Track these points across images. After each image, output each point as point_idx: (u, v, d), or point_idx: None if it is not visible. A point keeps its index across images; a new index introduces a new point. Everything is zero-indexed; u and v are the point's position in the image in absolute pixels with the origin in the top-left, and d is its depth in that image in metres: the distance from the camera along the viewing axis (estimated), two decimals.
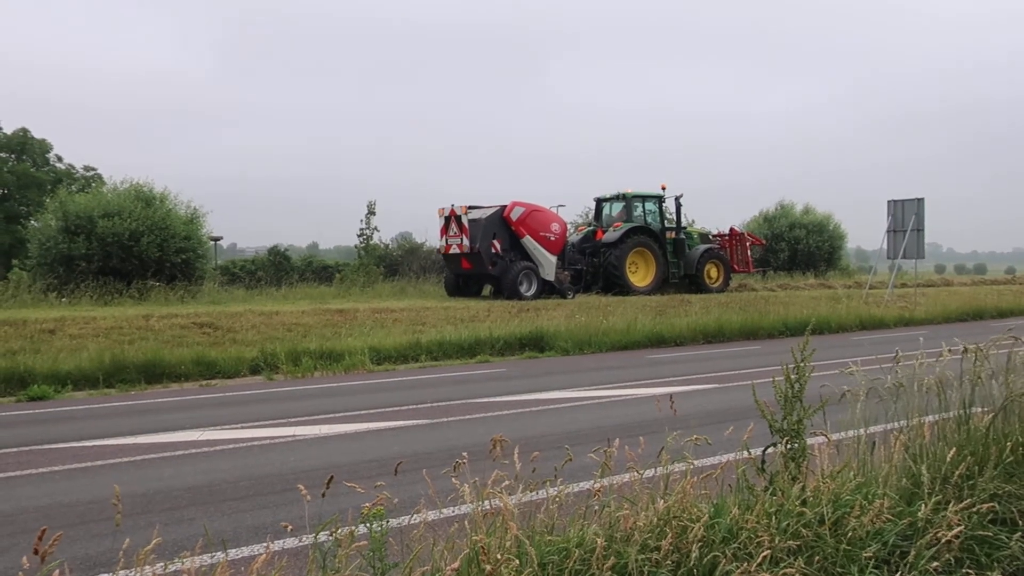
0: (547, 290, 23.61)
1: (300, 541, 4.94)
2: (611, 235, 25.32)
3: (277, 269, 36.70)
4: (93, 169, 50.79)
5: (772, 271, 36.48)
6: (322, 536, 3.12)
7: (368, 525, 3.15)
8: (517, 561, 3.05)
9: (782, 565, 3.32)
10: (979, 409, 4.99)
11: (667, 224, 26.96)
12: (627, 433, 4.41)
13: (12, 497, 6.60)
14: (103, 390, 12.81)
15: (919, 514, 3.84)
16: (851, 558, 3.51)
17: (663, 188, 26.99)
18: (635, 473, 3.83)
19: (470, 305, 21.46)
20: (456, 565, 2.97)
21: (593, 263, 25.49)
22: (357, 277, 28.76)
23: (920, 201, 25.66)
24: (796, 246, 37.61)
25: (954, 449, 4.37)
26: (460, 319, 19.39)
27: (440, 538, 3.33)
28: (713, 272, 27.39)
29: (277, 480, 6.86)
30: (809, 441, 4.30)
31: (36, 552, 2.59)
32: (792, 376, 4.17)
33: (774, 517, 3.62)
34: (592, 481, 3.84)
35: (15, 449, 8.40)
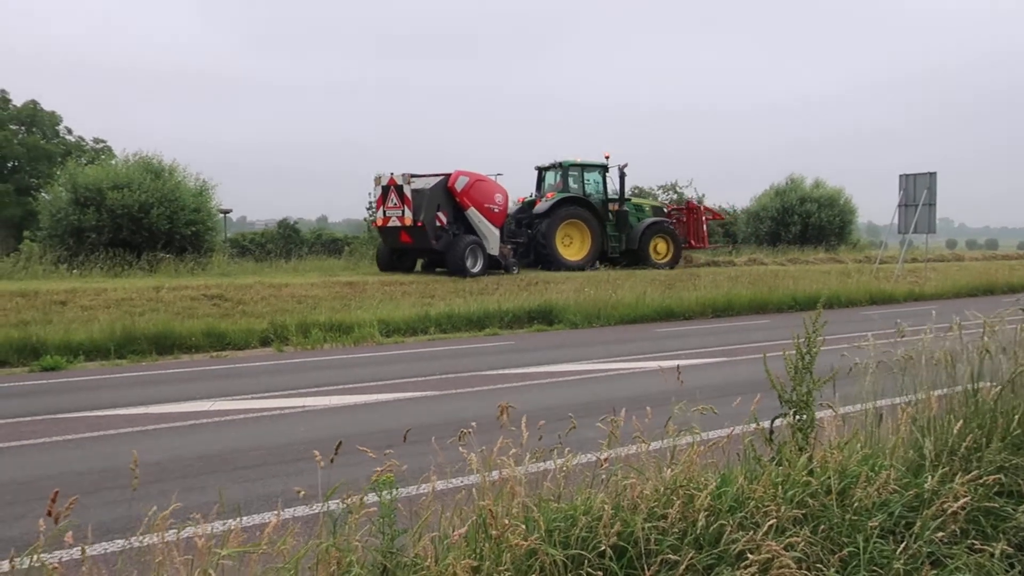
0: (491, 265, 22.18)
1: (311, 509, 4.98)
2: (542, 206, 23.92)
3: (287, 242, 36.76)
4: (103, 141, 50.83)
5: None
6: (332, 503, 3.16)
7: (378, 492, 3.18)
8: (524, 527, 3.08)
9: (788, 534, 3.34)
10: (987, 383, 4.98)
11: (611, 196, 25.25)
12: (634, 405, 4.43)
13: (27, 465, 6.69)
14: (115, 361, 12.91)
15: (925, 486, 3.85)
16: (857, 528, 3.53)
17: (607, 157, 25.32)
18: (642, 443, 3.85)
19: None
20: (464, 530, 3.01)
21: (528, 235, 23.85)
22: (366, 250, 28.77)
23: (932, 175, 25.46)
24: (807, 220, 37.38)
25: (961, 422, 4.37)
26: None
27: (448, 506, 3.36)
28: (661, 247, 25.68)
29: (287, 450, 6.93)
30: (817, 414, 4.32)
31: (50, 514, 2.63)
32: (803, 347, 4.17)
33: (781, 487, 3.63)
34: (599, 452, 3.87)
35: (29, 418, 8.49)
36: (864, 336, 5.15)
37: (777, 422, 4.34)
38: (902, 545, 3.47)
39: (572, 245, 24.01)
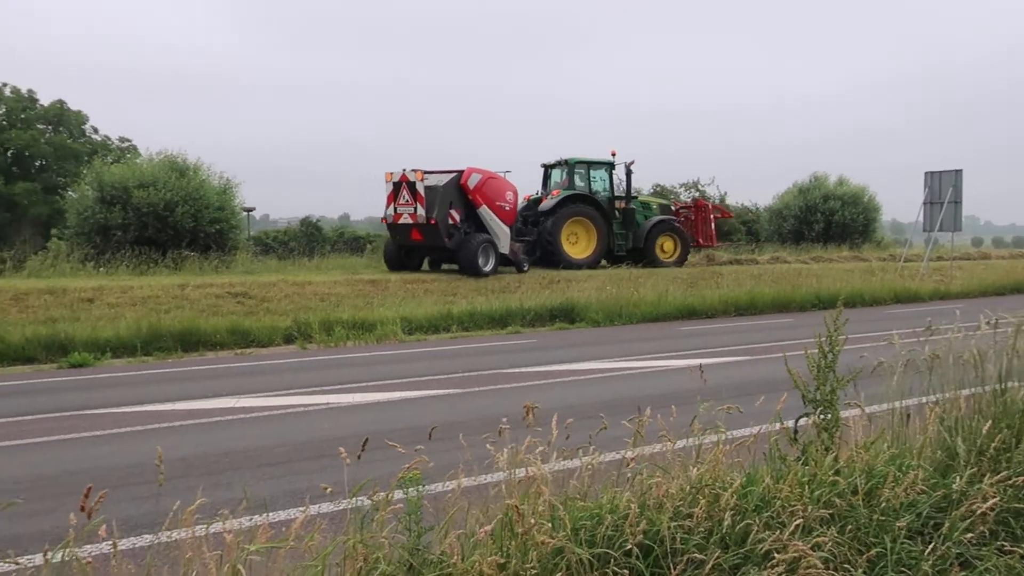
0: (502, 263, 21.77)
1: (336, 505, 5.02)
2: (547, 203, 23.52)
3: (309, 240, 36.97)
4: (128, 140, 51.33)
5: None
6: (358, 500, 3.18)
7: (404, 489, 3.20)
8: (550, 525, 3.09)
9: (815, 534, 3.33)
10: (1016, 382, 4.93)
11: (617, 194, 24.90)
12: (658, 403, 4.42)
13: (55, 461, 6.78)
14: (141, 358, 13.04)
15: (953, 486, 3.82)
16: (884, 528, 3.51)
17: (613, 155, 24.93)
18: (667, 442, 3.85)
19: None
20: (490, 528, 3.02)
21: (535, 232, 23.50)
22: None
23: (958, 172, 25.18)
24: (830, 218, 37.09)
25: (990, 422, 4.32)
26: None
27: (474, 503, 3.38)
28: (668, 245, 25.22)
29: (312, 447, 6.97)
30: (842, 413, 4.30)
31: (82, 509, 2.67)
32: (825, 346, 4.15)
33: (807, 486, 3.62)
34: (624, 450, 3.87)
35: (57, 414, 8.60)
36: (889, 335, 5.11)
37: (802, 421, 4.32)
38: (930, 546, 3.44)
39: (578, 243, 23.68)
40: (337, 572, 2.99)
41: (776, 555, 3.14)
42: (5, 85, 48.18)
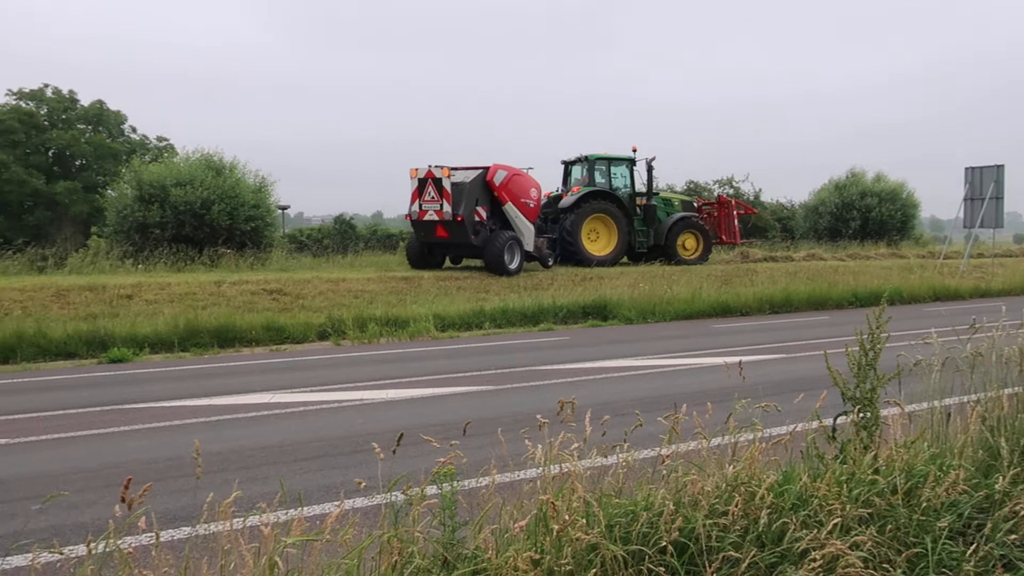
0: (526, 260, 21.54)
1: (370, 500, 5.06)
2: (567, 200, 23.21)
3: (343, 237, 37.20)
4: (165, 139, 52.09)
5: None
6: (392, 495, 3.19)
7: (439, 485, 3.21)
8: (584, 521, 3.08)
9: (853, 533, 3.28)
10: None
11: (638, 190, 24.49)
12: (693, 401, 4.39)
13: (95, 455, 6.89)
14: (178, 354, 13.22)
15: (996, 486, 3.75)
16: (925, 528, 3.46)
17: (634, 150, 24.50)
18: (703, 440, 3.82)
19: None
20: (524, 523, 3.02)
21: (555, 230, 23.18)
22: None
23: (1000, 168, 24.71)
24: (867, 215, 36.59)
25: None
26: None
27: (508, 499, 3.38)
28: (689, 243, 24.82)
29: (346, 442, 7.02)
30: (882, 411, 4.23)
31: (123, 500, 2.71)
32: (867, 343, 4.09)
33: (845, 485, 3.57)
34: (659, 447, 3.85)
35: (98, 408, 8.75)
36: (928, 333, 5.03)
37: (840, 420, 4.26)
38: (972, 547, 3.38)
39: (599, 240, 23.38)
40: (372, 566, 3.01)
41: (813, 553, 3.10)
42: (47, 86, 49.16)
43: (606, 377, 10.11)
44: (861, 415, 4.13)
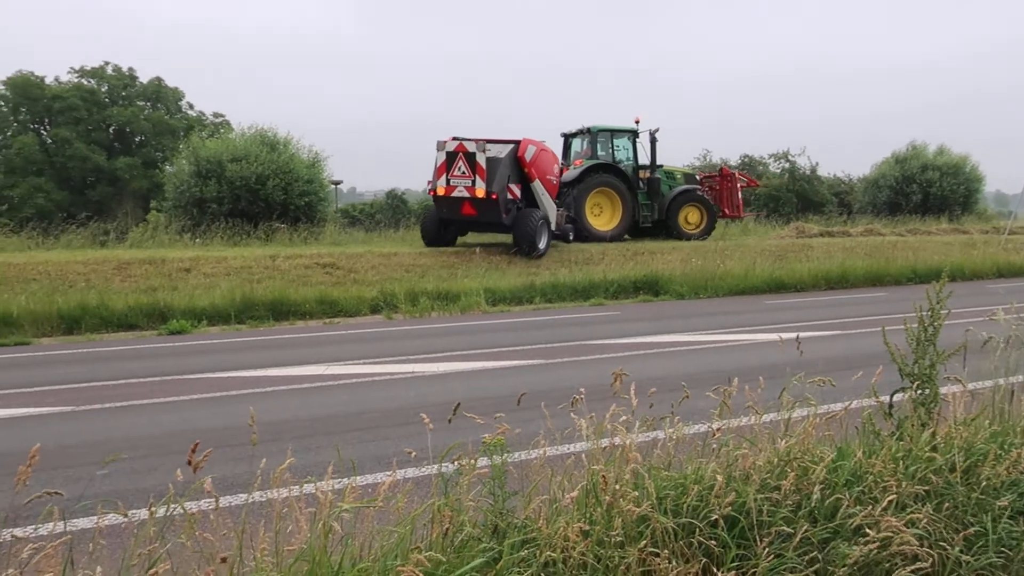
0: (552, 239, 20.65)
1: (420, 470, 5.12)
2: (570, 173, 22.34)
3: (395, 212, 37.50)
4: (221, 116, 52.95)
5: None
6: (443, 465, 3.23)
7: (489, 455, 3.23)
8: (635, 493, 3.08)
9: (908, 511, 3.23)
10: None
11: (642, 163, 23.66)
12: (745, 376, 4.33)
13: (155, 423, 7.09)
14: (235, 326, 13.50)
15: None
16: (983, 507, 3.38)
17: (637, 122, 23.62)
18: (755, 414, 3.78)
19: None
20: (575, 494, 3.03)
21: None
22: None
23: None
24: (928, 189, 35.63)
25: None
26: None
27: (558, 471, 3.39)
28: (692, 216, 23.84)
29: (397, 413, 7.11)
30: (941, 389, 4.14)
31: (189, 463, 2.79)
32: (926, 319, 4.00)
33: (901, 462, 3.51)
34: (710, 421, 3.82)
35: (158, 378, 8.99)
36: (991, 309, 4.89)
37: (897, 396, 4.18)
38: None
39: (602, 215, 22.62)
40: (424, 533, 3.05)
41: (868, 530, 3.06)
42: (107, 64, 50.26)
43: (657, 352, 10.06)
44: (919, 392, 4.04)
